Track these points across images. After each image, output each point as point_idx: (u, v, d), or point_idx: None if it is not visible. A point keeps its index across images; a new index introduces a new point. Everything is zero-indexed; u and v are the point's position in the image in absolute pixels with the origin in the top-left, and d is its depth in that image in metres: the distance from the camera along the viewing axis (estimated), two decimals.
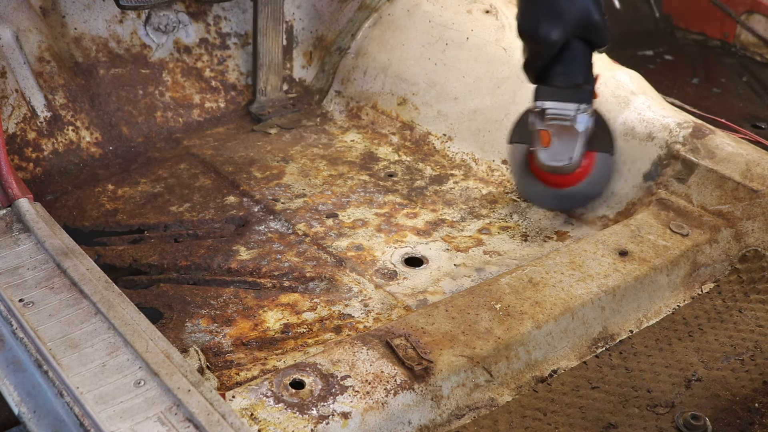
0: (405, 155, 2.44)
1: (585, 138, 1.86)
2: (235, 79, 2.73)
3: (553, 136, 1.86)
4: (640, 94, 2.15)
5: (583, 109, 1.83)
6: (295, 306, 1.81)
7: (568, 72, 1.82)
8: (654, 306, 1.75)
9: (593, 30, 1.78)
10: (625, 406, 1.49)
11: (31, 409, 1.27)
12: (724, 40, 3.38)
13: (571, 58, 1.81)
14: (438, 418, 1.43)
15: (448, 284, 1.88)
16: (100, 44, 2.52)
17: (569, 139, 1.85)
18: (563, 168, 1.88)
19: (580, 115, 1.83)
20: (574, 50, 1.80)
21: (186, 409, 1.20)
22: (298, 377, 1.39)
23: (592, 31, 1.78)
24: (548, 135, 1.86)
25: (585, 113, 1.83)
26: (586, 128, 1.85)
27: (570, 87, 1.82)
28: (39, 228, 1.59)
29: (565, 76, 1.82)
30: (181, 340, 1.69)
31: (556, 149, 1.86)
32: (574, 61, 1.82)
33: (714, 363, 1.60)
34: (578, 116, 1.83)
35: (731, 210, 1.90)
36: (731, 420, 1.47)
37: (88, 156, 2.40)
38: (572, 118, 1.83)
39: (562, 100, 1.82)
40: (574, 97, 1.82)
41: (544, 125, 1.85)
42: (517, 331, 1.55)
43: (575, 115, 1.82)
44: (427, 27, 2.59)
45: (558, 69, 1.82)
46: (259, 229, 2.07)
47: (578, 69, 1.83)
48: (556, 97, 1.82)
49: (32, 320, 1.37)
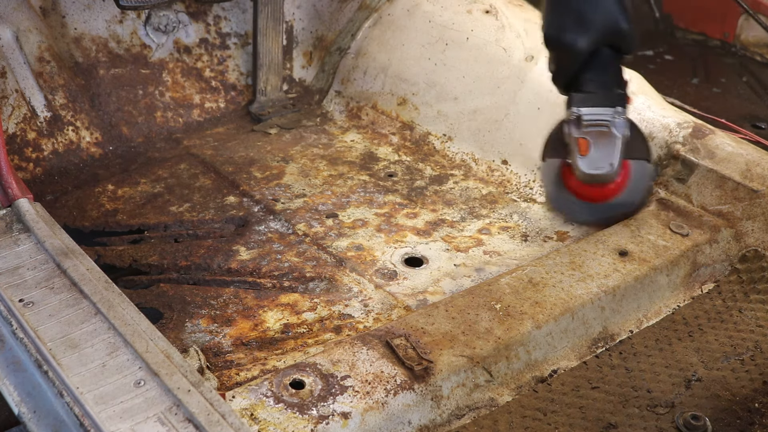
0: (405, 155, 2.44)
1: (623, 143, 1.81)
2: (235, 79, 2.73)
3: (591, 144, 1.80)
4: (640, 94, 2.15)
5: (620, 113, 1.79)
6: (295, 306, 1.81)
7: (600, 78, 1.79)
8: (654, 306, 1.75)
9: (621, 38, 1.76)
10: (625, 406, 1.49)
11: (31, 409, 1.27)
12: (724, 40, 3.38)
13: (601, 64, 1.78)
14: (438, 418, 1.43)
15: (448, 284, 1.88)
16: (100, 44, 2.52)
17: (608, 144, 1.80)
18: (605, 176, 1.83)
19: (617, 119, 1.79)
20: (603, 57, 1.77)
21: (186, 409, 1.20)
22: (298, 377, 1.39)
23: (620, 38, 1.76)
24: (586, 143, 1.81)
25: (622, 117, 1.79)
26: (624, 133, 1.81)
27: (603, 91, 1.79)
28: (39, 228, 1.59)
29: (597, 82, 1.79)
30: (181, 340, 1.69)
31: (595, 157, 1.81)
32: (604, 67, 1.79)
33: (714, 363, 1.60)
34: (615, 120, 1.79)
35: (731, 210, 1.90)
36: (731, 420, 1.47)
37: (88, 156, 2.40)
38: (610, 123, 1.78)
39: (597, 105, 1.79)
40: (609, 101, 1.79)
41: (581, 133, 1.80)
42: (517, 331, 1.55)
43: (612, 119, 1.78)
44: (427, 27, 2.58)
45: (588, 75, 1.79)
46: (259, 229, 2.07)
47: (609, 74, 1.81)
48: (591, 102, 1.79)
49: (32, 320, 1.37)
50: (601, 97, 1.79)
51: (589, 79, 1.79)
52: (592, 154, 1.80)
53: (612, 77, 1.81)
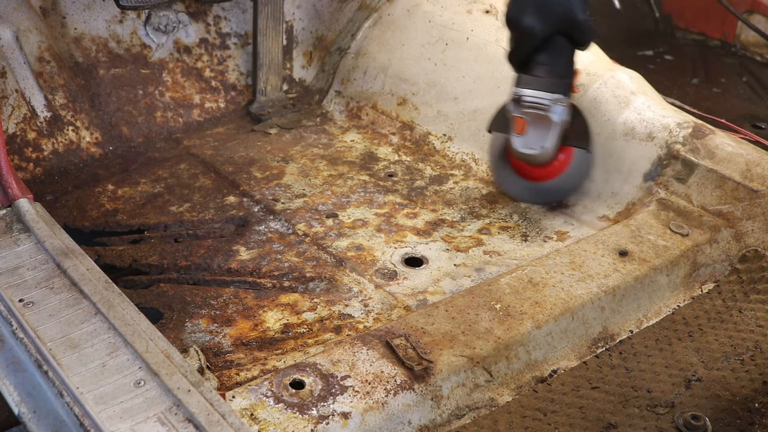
0: (405, 155, 2.44)
1: (559, 129, 1.91)
2: (235, 79, 2.73)
3: (528, 124, 1.91)
4: (640, 94, 2.15)
5: (559, 100, 1.89)
6: (295, 306, 1.81)
7: (548, 63, 1.89)
8: (654, 306, 1.75)
9: (576, 27, 1.86)
10: (625, 406, 1.49)
11: (31, 409, 1.27)
12: (724, 40, 3.38)
13: (553, 51, 1.89)
14: (438, 418, 1.43)
15: (448, 284, 1.88)
16: (100, 44, 2.52)
17: (543, 128, 1.91)
18: (535, 157, 1.93)
19: (555, 105, 1.89)
20: (557, 44, 1.88)
21: (186, 409, 1.20)
22: (298, 377, 1.39)
23: (574, 28, 1.86)
24: (523, 122, 1.92)
25: (561, 104, 1.89)
26: (561, 120, 1.90)
27: (548, 77, 1.89)
28: (39, 228, 1.59)
29: (545, 67, 1.90)
30: (181, 340, 1.69)
31: (529, 137, 1.92)
32: (556, 54, 1.89)
33: (714, 363, 1.60)
34: (554, 107, 1.89)
35: (731, 210, 1.90)
36: (731, 420, 1.47)
37: (88, 156, 2.40)
38: (547, 108, 1.89)
39: (539, 89, 1.89)
40: (552, 87, 1.89)
41: (520, 112, 1.92)
42: (517, 331, 1.55)
43: (551, 104, 1.89)
44: (427, 27, 2.58)
45: (539, 59, 1.90)
46: (259, 229, 2.07)
47: (558, 62, 1.90)
48: (534, 85, 1.89)
49: (32, 320, 1.37)
50: (545, 82, 1.89)
51: (539, 63, 1.90)
52: (528, 135, 1.91)
53: (561, 65, 1.91)
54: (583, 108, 2.07)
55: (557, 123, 1.89)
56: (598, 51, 2.34)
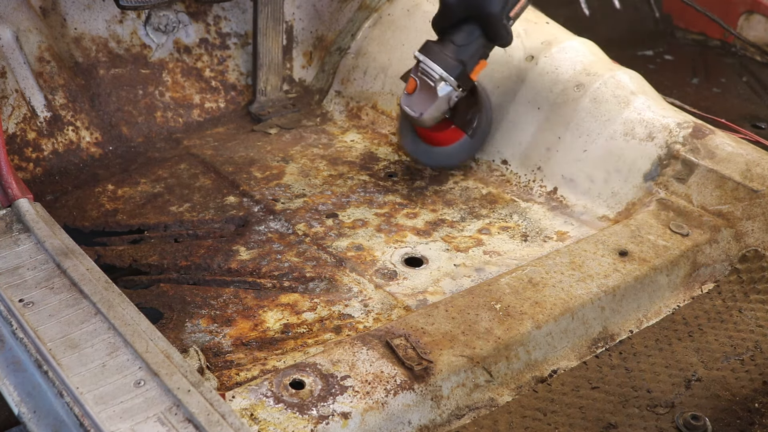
0: (405, 155, 2.44)
1: (441, 104, 2.04)
2: (235, 79, 2.73)
3: (417, 88, 2.04)
4: (640, 94, 2.16)
5: (447, 80, 2.00)
6: (295, 306, 1.81)
7: (456, 43, 2.01)
8: (654, 306, 1.75)
9: (486, 19, 1.96)
10: (625, 406, 1.49)
11: (31, 409, 1.27)
12: (724, 40, 3.38)
13: (465, 35, 2.01)
14: (438, 418, 1.43)
15: (448, 284, 1.88)
16: (100, 44, 2.52)
17: (427, 96, 2.03)
18: (412, 118, 2.07)
19: (441, 82, 2.00)
20: (470, 30, 2.00)
21: (186, 409, 1.20)
22: (298, 377, 1.39)
23: (485, 19, 1.96)
24: (414, 84, 2.05)
25: (447, 84, 2.01)
26: (447, 97, 2.03)
27: (448, 55, 2.00)
28: (39, 228, 1.59)
29: (452, 46, 2.01)
30: (181, 340, 1.69)
31: (414, 99, 2.05)
32: (465, 39, 2.01)
33: (714, 363, 1.60)
34: (440, 82, 2.00)
35: (731, 210, 1.90)
36: (731, 420, 1.47)
37: (88, 156, 2.40)
38: (435, 81, 2.01)
39: (434, 61, 2.01)
40: (445, 65, 2.00)
41: (415, 73, 2.05)
42: (517, 331, 1.55)
43: (438, 79, 2.00)
44: (427, 27, 2.58)
45: (451, 37, 2.02)
46: (259, 229, 2.07)
47: (464, 47, 2.01)
48: (432, 56, 2.02)
49: (32, 320, 1.37)
50: (442, 57, 2.01)
51: (449, 40, 2.03)
52: (414, 96, 2.06)
53: (465, 51, 2.02)
54: (486, 101, 2.25)
55: (439, 98, 2.02)
56: (598, 51, 2.34)
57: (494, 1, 1.95)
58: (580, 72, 2.23)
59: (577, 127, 2.17)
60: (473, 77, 2.06)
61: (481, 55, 2.05)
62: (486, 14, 1.95)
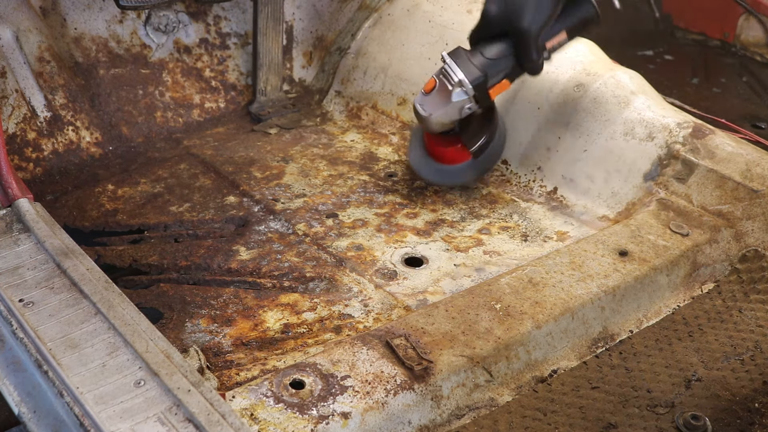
0: (405, 155, 2.44)
1: (453, 112, 1.99)
2: (235, 79, 2.73)
3: (436, 88, 2.00)
4: (640, 94, 2.15)
5: (464, 86, 1.95)
6: (295, 306, 1.81)
7: (484, 56, 1.96)
8: (654, 306, 1.75)
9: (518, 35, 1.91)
10: (625, 406, 1.49)
11: (31, 409, 1.27)
12: (724, 40, 3.38)
13: (495, 48, 1.96)
14: (438, 418, 1.43)
15: (448, 284, 1.88)
16: (100, 44, 2.52)
17: (442, 99, 1.99)
18: (420, 116, 2.02)
19: (458, 87, 1.96)
20: (503, 47, 1.95)
21: (186, 409, 1.20)
22: (298, 377, 1.39)
23: (518, 35, 1.91)
24: (433, 83, 2.01)
25: (464, 91, 1.96)
26: (460, 105, 1.98)
27: (474, 63, 1.96)
28: (39, 228, 1.59)
29: (480, 57, 1.96)
30: (181, 340, 1.69)
31: (428, 99, 2.01)
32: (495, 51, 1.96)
33: (714, 363, 1.60)
34: (456, 87, 1.96)
35: (731, 210, 1.90)
36: (731, 420, 1.47)
37: (88, 156, 2.40)
38: (453, 84, 1.96)
39: (458, 65, 1.96)
40: (467, 70, 1.95)
41: (437, 73, 2.01)
42: (517, 331, 1.55)
43: (456, 83, 1.95)
44: (427, 27, 2.58)
45: (482, 48, 1.97)
46: (259, 229, 2.07)
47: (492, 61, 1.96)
48: (458, 60, 1.97)
49: (32, 320, 1.37)
50: (467, 63, 1.96)
51: (479, 50, 1.98)
52: (429, 96, 2.02)
53: (491, 65, 1.96)
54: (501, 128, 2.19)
55: (452, 103, 1.97)
56: (598, 51, 2.34)
57: (531, 20, 1.89)
58: (580, 72, 2.23)
59: (577, 127, 2.17)
60: (492, 95, 2.00)
61: (507, 74, 1.98)
62: (520, 30, 1.90)
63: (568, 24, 1.96)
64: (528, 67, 1.96)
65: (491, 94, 1.99)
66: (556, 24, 1.93)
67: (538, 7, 1.87)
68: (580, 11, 1.97)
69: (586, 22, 1.99)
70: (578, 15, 1.97)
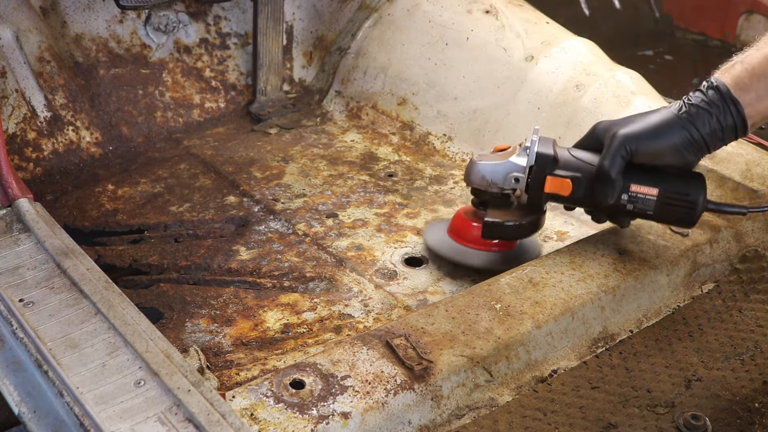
0: (405, 155, 2.44)
1: (501, 173, 1.72)
2: (235, 79, 2.73)
3: (505, 150, 1.76)
4: (640, 94, 2.15)
5: (529, 153, 1.67)
6: (295, 306, 1.81)
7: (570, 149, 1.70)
8: (654, 306, 1.75)
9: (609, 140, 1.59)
10: (625, 406, 1.49)
11: (31, 409, 1.27)
12: (724, 40, 3.38)
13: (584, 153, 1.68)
14: (438, 418, 1.43)
15: (448, 284, 1.88)
16: (100, 44, 2.52)
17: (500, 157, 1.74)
18: (470, 160, 1.78)
19: (521, 153, 1.70)
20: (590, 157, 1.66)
21: (186, 409, 1.19)
22: (298, 377, 1.39)
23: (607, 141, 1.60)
24: (507, 147, 1.77)
25: (524, 161, 1.69)
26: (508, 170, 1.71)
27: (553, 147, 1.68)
28: (39, 228, 1.59)
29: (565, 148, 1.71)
30: (181, 340, 1.69)
31: (490, 153, 1.77)
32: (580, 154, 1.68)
33: (714, 363, 1.60)
34: (520, 152, 1.71)
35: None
36: (731, 420, 1.47)
37: (88, 156, 2.40)
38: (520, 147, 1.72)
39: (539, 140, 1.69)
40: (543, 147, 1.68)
41: None
42: (517, 331, 1.55)
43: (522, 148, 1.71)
44: (427, 27, 2.59)
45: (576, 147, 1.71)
46: (259, 229, 2.07)
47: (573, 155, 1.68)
48: (543, 139, 1.70)
49: (32, 320, 1.37)
50: (549, 145, 1.69)
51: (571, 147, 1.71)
52: (494, 153, 1.78)
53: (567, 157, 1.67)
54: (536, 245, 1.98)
55: (505, 162, 1.72)
56: (598, 51, 2.34)
57: (631, 134, 1.55)
58: (580, 72, 2.23)
59: (577, 127, 2.17)
60: (548, 185, 1.67)
61: (575, 178, 1.65)
62: (614, 134, 1.57)
63: (668, 188, 1.61)
64: (601, 184, 1.60)
65: (547, 182, 1.66)
66: (654, 176, 1.61)
67: (653, 134, 1.54)
68: (685, 186, 1.62)
69: (684, 203, 1.63)
70: (681, 187, 1.62)
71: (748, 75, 1.50)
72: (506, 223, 1.75)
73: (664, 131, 1.54)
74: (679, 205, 1.62)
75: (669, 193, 1.61)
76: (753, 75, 1.51)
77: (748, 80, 1.50)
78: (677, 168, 1.59)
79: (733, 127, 1.53)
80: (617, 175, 1.57)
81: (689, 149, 1.54)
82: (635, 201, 1.63)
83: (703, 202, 1.63)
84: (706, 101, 1.53)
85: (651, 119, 1.56)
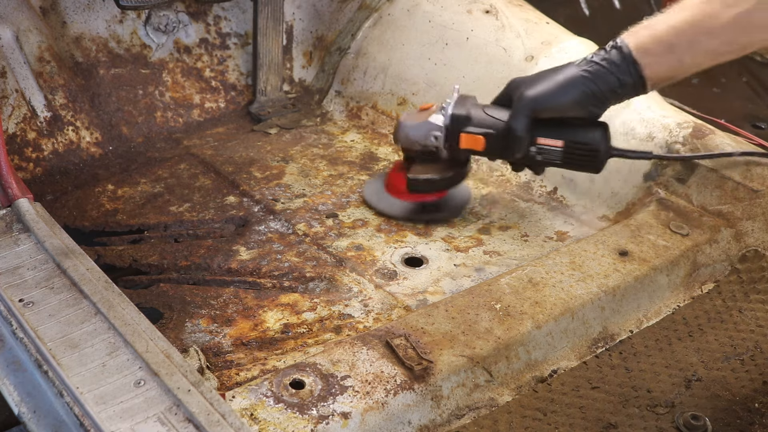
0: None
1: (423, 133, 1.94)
2: (235, 79, 2.73)
3: (428, 110, 1.98)
4: None
5: (445, 113, 1.91)
6: (295, 306, 1.81)
7: (486, 107, 1.91)
8: (654, 306, 1.75)
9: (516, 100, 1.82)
10: (625, 406, 1.49)
11: (31, 409, 1.27)
12: None
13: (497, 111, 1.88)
14: (438, 418, 1.43)
15: (448, 284, 1.88)
16: (100, 44, 2.52)
17: (422, 118, 1.96)
18: (397, 122, 2.01)
19: (439, 113, 1.92)
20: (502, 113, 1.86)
21: (186, 409, 1.20)
22: (298, 377, 1.39)
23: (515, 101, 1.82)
24: (429, 106, 1.99)
25: (441, 120, 1.92)
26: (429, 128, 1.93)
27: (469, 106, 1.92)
28: (39, 228, 1.59)
29: (480, 106, 1.92)
30: (181, 340, 1.69)
31: (415, 113, 2.01)
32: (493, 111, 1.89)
33: (714, 363, 1.60)
34: (438, 112, 1.92)
35: (731, 210, 1.90)
36: (731, 420, 1.47)
37: (88, 156, 2.40)
38: (439, 109, 1.94)
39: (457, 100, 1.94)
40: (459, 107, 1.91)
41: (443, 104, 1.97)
42: (517, 331, 1.55)
43: (440, 109, 1.93)
44: (427, 27, 2.58)
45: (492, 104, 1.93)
46: (259, 229, 2.07)
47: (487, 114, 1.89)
48: (461, 97, 1.95)
49: (32, 320, 1.37)
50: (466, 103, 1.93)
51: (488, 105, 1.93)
52: (418, 113, 2.01)
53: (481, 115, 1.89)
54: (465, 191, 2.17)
55: (426, 122, 1.94)
56: None
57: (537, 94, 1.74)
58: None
59: None
60: (463, 140, 1.88)
61: (487, 134, 1.85)
62: (520, 95, 1.77)
63: (571, 138, 1.79)
64: (510, 140, 1.79)
65: (462, 138, 1.88)
66: (559, 129, 1.79)
67: (555, 92, 1.71)
68: (586, 136, 1.79)
69: (586, 151, 1.80)
70: (582, 136, 1.79)
71: (651, 39, 1.65)
72: (425, 178, 1.99)
73: (567, 89, 1.69)
74: (583, 154, 1.79)
75: (573, 143, 1.78)
76: (655, 40, 1.66)
77: (651, 44, 1.65)
78: (582, 120, 1.75)
79: (633, 85, 1.67)
80: (523, 132, 1.76)
81: (592, 102, 1.69)
82: (543, 152, 1.81)
83: (605, 150, 1.80)
84: (607, 60, 1.68)
85: (556, 78, 1.71)
